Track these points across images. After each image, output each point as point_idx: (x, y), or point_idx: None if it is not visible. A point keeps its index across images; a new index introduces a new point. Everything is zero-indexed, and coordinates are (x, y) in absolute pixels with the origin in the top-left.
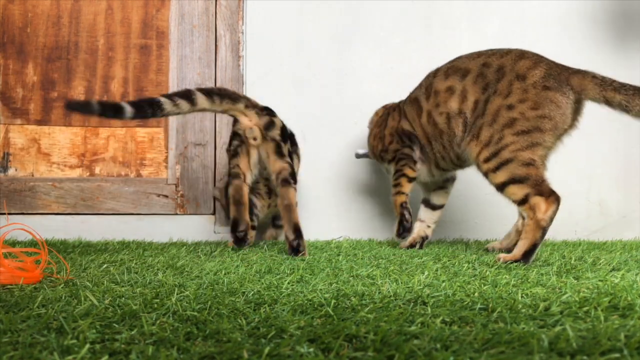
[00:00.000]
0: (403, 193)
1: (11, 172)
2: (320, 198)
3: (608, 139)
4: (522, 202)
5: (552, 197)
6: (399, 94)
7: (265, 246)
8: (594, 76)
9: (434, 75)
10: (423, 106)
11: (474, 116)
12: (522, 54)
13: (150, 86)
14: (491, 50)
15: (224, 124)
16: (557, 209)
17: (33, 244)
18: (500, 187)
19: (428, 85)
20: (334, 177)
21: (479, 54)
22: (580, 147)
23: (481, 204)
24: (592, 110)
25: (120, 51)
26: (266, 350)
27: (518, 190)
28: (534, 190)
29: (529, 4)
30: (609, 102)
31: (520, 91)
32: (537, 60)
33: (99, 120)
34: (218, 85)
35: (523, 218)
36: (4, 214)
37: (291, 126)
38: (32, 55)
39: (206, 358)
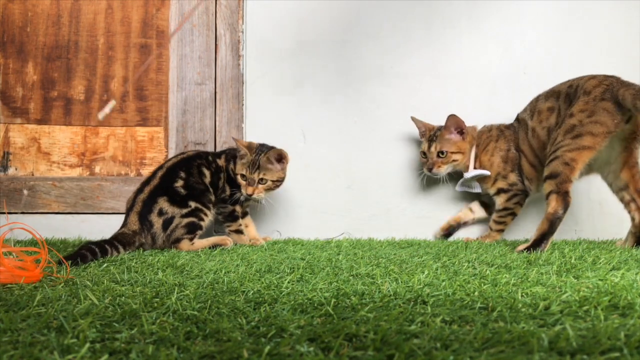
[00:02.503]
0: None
1: (11, 171)
2: (320, 197)
3: None
4: (546, 196)
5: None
6: (399, 94)
7: (266, 245)
8: (634, 88)
9: (536, 100)
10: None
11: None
12: (593, 76)
13: (150, 85)
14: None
15: (224, 123)
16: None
17: (33, 243)
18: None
19: (532, 107)
20: (334, 176)
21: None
22: None
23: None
24: None
25: (120, 50)
26: (266, 349)
27: (547, 186)
28: (556, 188)
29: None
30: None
31: (582, 103)
32: (603, 79)
33: (99, 119)
34: (218, 84)
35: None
36: (4, 213)
37: (291, 126)
38: (32, 54)
39: (206, 357)
